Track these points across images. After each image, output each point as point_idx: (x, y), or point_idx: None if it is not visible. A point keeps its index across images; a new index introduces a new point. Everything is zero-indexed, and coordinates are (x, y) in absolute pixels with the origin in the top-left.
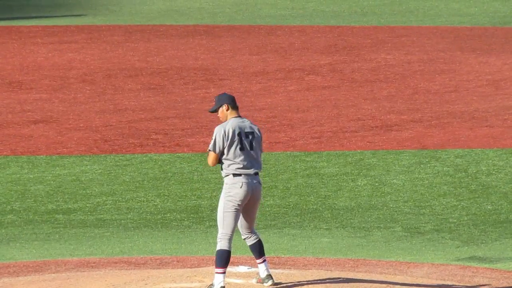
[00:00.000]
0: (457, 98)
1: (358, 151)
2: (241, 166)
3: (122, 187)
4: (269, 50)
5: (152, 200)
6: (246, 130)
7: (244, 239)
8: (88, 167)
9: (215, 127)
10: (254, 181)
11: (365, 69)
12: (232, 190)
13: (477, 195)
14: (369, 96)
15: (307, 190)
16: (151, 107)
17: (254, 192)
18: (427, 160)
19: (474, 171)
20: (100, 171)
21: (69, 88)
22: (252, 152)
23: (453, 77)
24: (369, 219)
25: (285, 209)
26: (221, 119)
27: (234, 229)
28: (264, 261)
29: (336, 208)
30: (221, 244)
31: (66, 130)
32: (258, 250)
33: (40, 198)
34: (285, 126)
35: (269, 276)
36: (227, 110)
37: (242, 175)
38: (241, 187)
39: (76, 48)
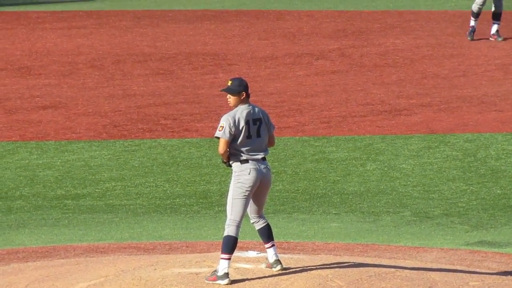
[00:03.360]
0: (466, 82)
1: (367, 135)
2: (248, 153)
3: (131, 173)
4: (278, 35)
5: (161, 185)
6: (254, 117)
7: (253, 223)
8: (97, 152)
9: (223, 112)
10: (262, 167)
11: (373, 53)
12: (241, 177)
13: (486, 180)
14: (378, 80)
15: (316, 175)
16: (160, 92)
17: (263, 178)
18: (436, 144)
19: (483, 156)
20: (109, 156)
21: (78, 74)
22: (258, 139)
23: (462, 61)
24: (378, 203)
25: (294, 194)
26: (230, 103)
27: (243, 216)
28: (272, 245)
29: (345, 193)
30: (229, 230)
31: (75, 115)
32: (267, 234)
33: (49, 184)
34: (294, 111)
35: (278, 261)
36: (242, 97)
37: (249, 162)
38: (249, 174)
39: (84, 33)
